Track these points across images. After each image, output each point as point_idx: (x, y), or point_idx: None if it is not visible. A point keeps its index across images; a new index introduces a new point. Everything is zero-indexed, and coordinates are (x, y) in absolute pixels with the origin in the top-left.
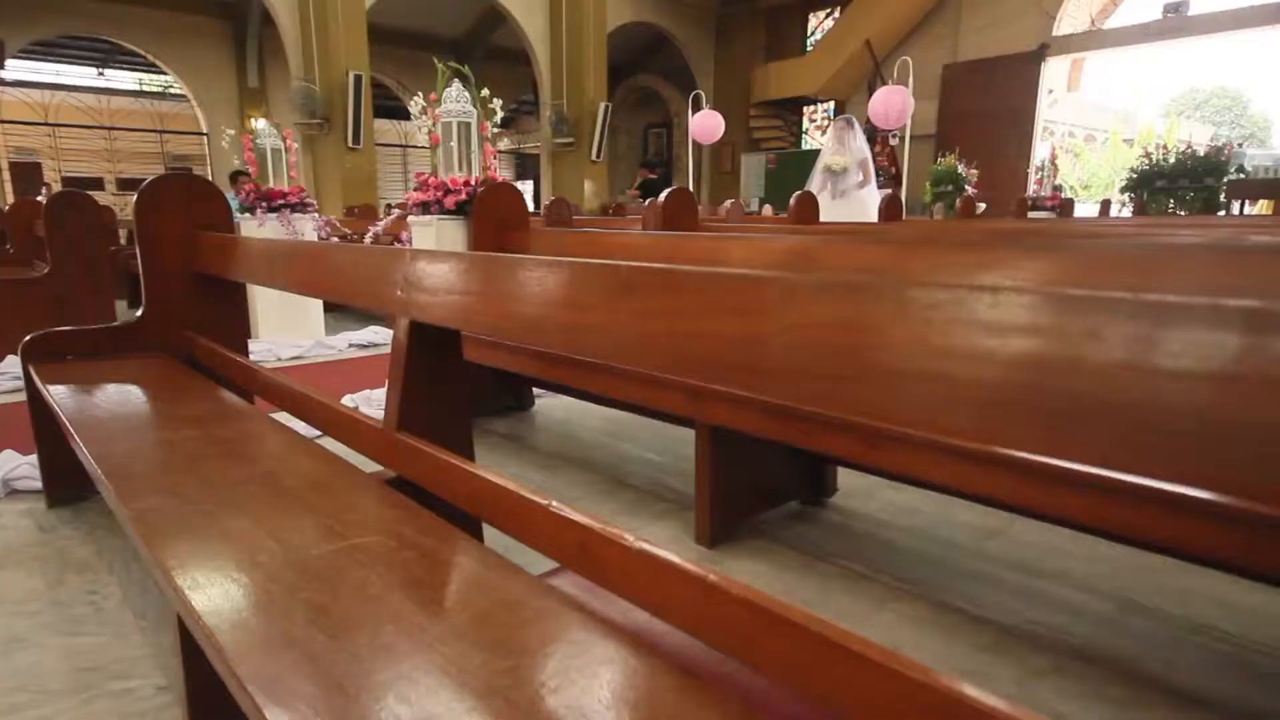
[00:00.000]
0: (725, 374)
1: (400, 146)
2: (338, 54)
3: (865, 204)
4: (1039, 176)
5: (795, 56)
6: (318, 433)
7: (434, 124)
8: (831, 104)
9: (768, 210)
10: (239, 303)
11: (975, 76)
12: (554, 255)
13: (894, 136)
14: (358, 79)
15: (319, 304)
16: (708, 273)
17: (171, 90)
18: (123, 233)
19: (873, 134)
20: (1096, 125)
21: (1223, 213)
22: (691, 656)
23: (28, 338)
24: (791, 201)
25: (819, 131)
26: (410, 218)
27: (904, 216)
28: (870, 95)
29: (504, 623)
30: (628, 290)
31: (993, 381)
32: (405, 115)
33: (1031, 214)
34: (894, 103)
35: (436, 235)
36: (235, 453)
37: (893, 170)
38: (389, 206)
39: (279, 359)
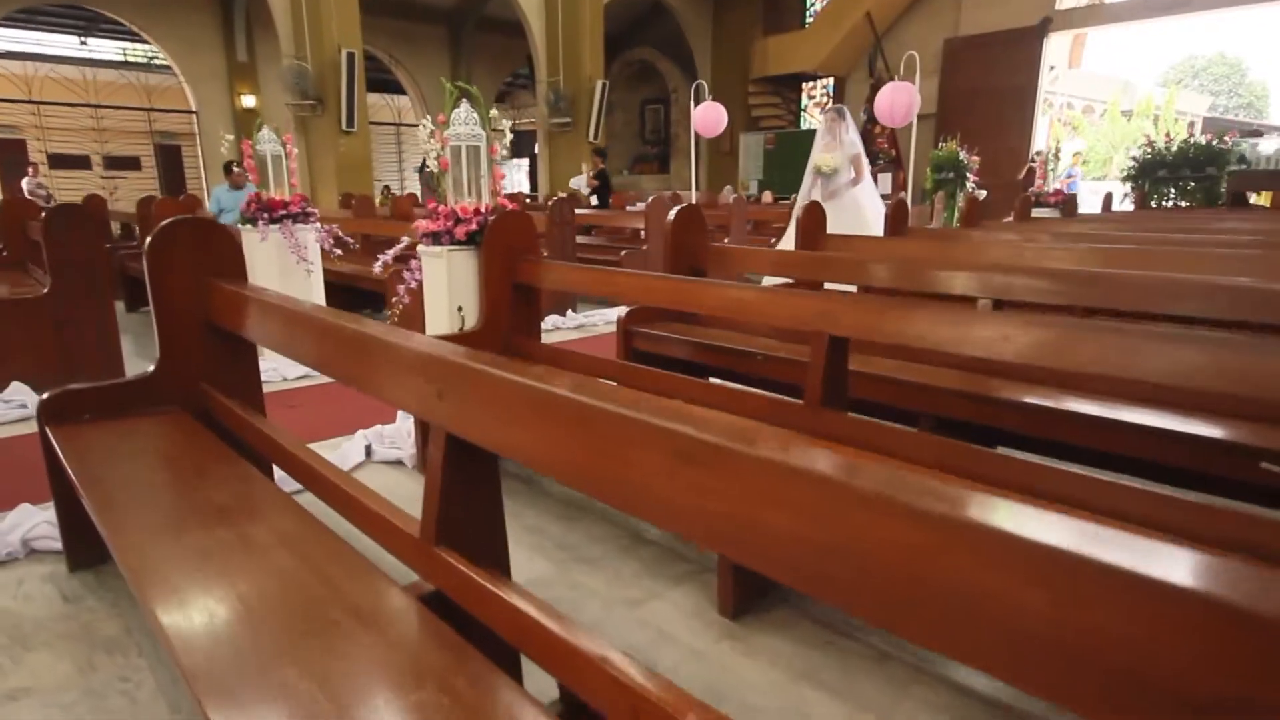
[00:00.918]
0: (784, 570)
1: (394, 125)
2: (330, 30)
3: (859, 204)
4: (1042, 170)
5: (794, 30)
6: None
7: (442, 148)
8: (831, 81)
9: (767, 197)
10: (253, 350)
11: (977, 52)
12: (564, 289)
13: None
14: (350, 57)
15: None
16: (775, 462)
17: (157, 61)
18: (115, 225)
19: (873, 114)
20: (1095, 96)
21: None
22: None
23: (44, 398)
24: (797, 212)
25: (818, 109)
26: (420, 248)
27: (908, 207)
28: (871, 71)
29: None
30: (686, 459)
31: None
32: (399, 89)
33: (1036, 211)
34: (900, 100)
35: (448, 267)
36: (254, 544)
37: (893, 153)
38: (386, 189)
39: (285, 379)
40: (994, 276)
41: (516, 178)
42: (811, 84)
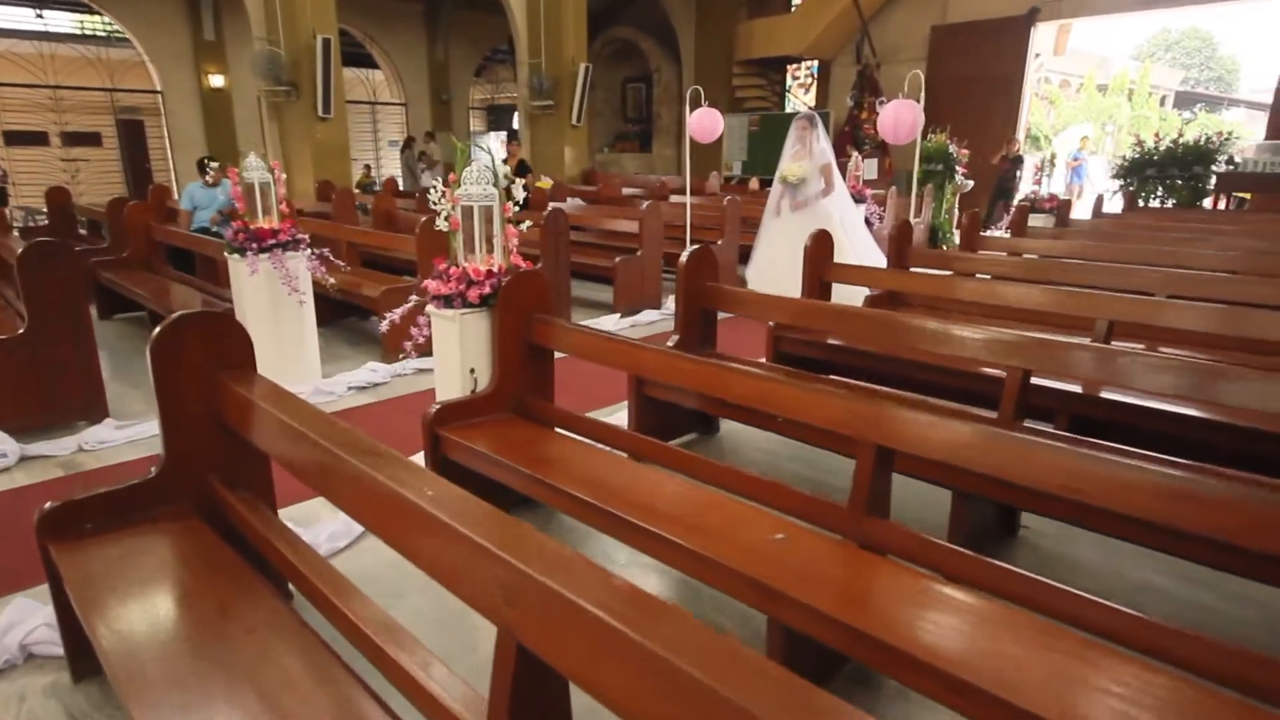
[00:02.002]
0: None
1: (369, 104)
2: (303, 13)
3: (830, 216)
4: (1037, 176)
5: (779, 14)
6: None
7: (453, 207)
8: (815, 63)
9: (753, 184)
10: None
11: (964, 39)
12: (580, 355)
13: (881, 103)
14: (326, 43)
15: (314, 340)
16: None
17: (118, 34)
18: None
19: (860, 99)
20: (1071, 70)
21: (1208, 201)
22: None
23: (43, 510)
24: (807, 244)
25: (802, 90)
26: (430, 309)
27: (911, 228)
28: (858, 57)
29: None
30: None
31: None
32: (372, 64)
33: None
34: (905, 118)
35: (460, 331)
36: (265, 686)
37: (880, 140)
38: (366, 169)
39: None
40: (1025, 348)
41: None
42: (795, 65)
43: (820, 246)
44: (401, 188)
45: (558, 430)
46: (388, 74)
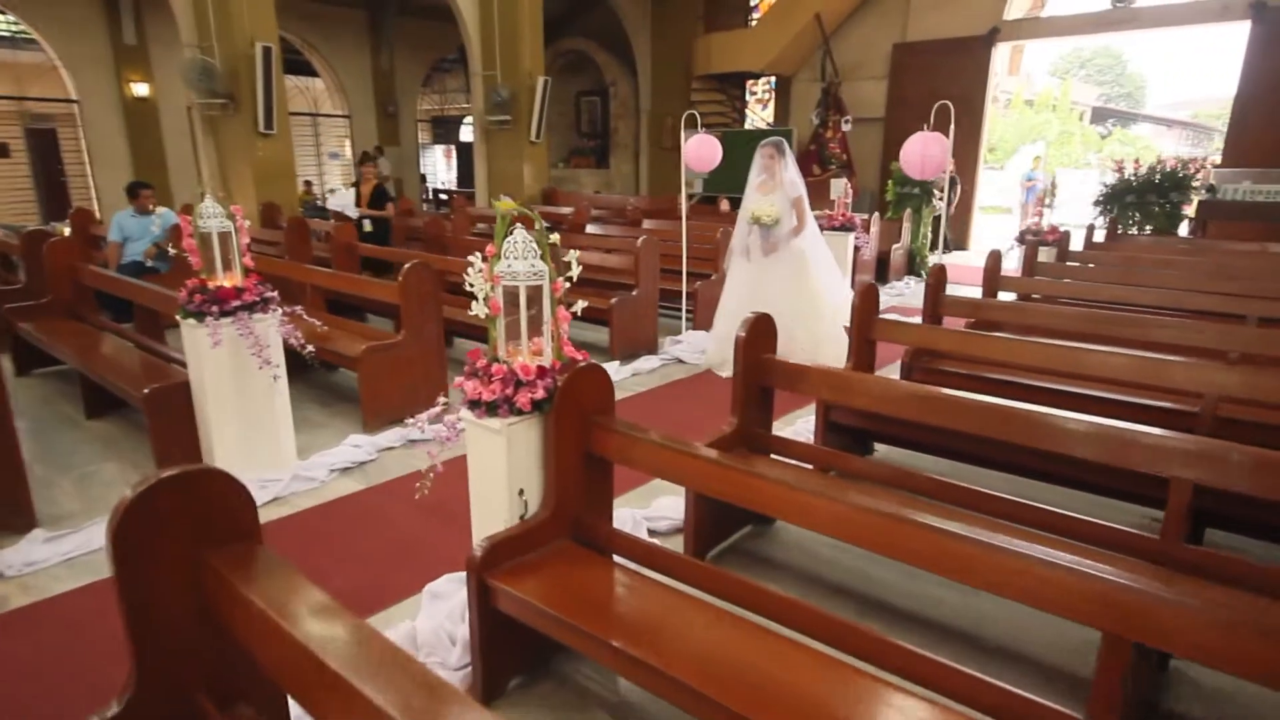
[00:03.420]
0: None
1: (310, 115)
2: (240, 19)
3: (804, 259)
4: (1039, 208)
5: (737, 29)
6: None
7: (493, 288)
8: (774, 78)
9: (723, 205)
10: None
11: (925, 58)
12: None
13: (846, 122)
14: (267, 51)
15: (288, 418)
16: None
17: (24, 34)
18: None
19: (825, 117)
20: (998, 87)
21: (1185, 228)
22: None
23: None
24: (854, 300)
25: (760, 105)
26: (466, 415)
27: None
28: (823, 74)
29: None
30: None
31: None
32: (310, 71)
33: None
34: (933, 153)
35: (508, 445)
36: None
37: (844, 158)
38: (308, 186)
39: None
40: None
41: (440, 171)
42: (754, 81)
43: (867, 300)
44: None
45: (615, 559)
46: (329, 84)
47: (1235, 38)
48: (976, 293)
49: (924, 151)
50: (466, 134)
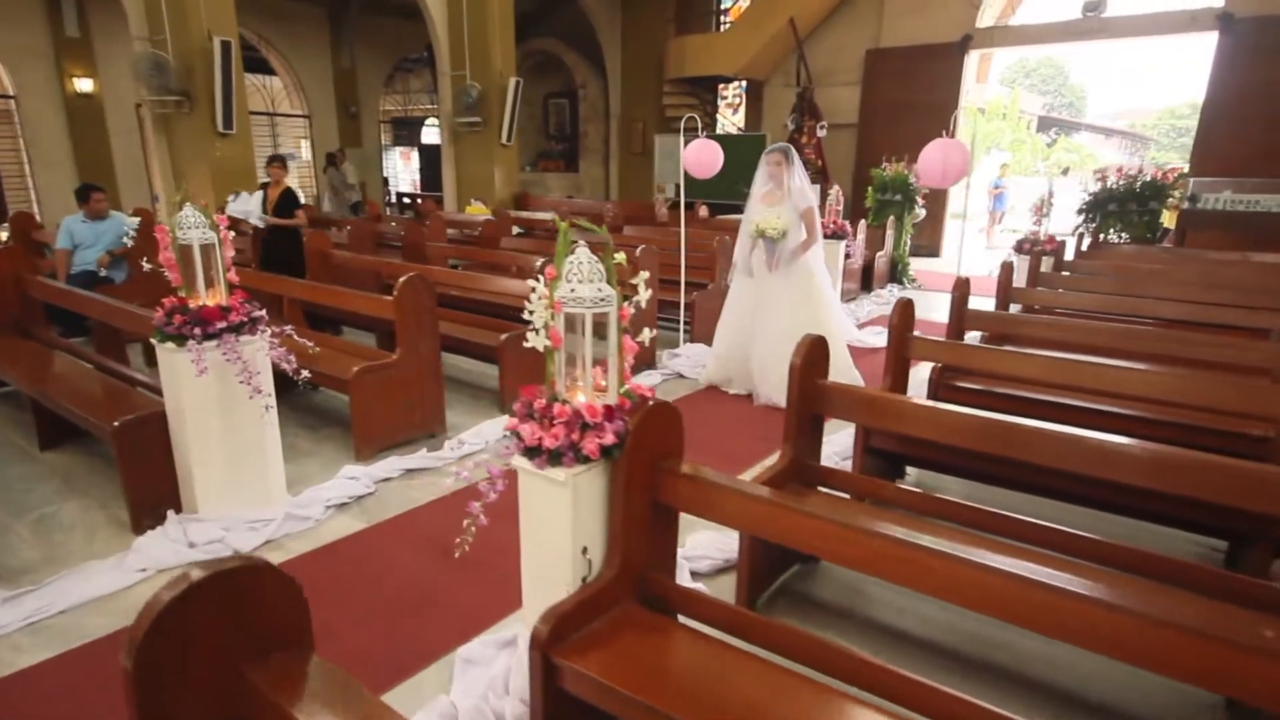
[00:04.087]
0: None
1: (267, 114)
2: (195, 12)
3: (811, 277)
4: (1036, 217)
5: (706, 32)
6: None
7: (554, 316)
8: (744, 83)
9: (703, 211)
10: None
11: (898, 64)
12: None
13: (822, 127)
14: (226, 46)
15: (278, 451)
16: None
17: None
18: None
19: (800, 122)
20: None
21: (1163, 238)
22: None
23: None
24: (893, 316)
25: (730, 110)
26: (521, 464)
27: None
28: (798, 79)
29: None
30: None
31: None
32: (267, 69)
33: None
34: (955, 160)
35: (574, 499)
36: None
37: (819, 164)
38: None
39: (235, 550)
40: None
41: (401, 172)
42: (725, 85)
43: (905, 316)
44: (327, 211)
45: (679, 618)
46: (287, 82)
47: (1174, 52)
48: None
49: (945, 159)
50: (429, 136)
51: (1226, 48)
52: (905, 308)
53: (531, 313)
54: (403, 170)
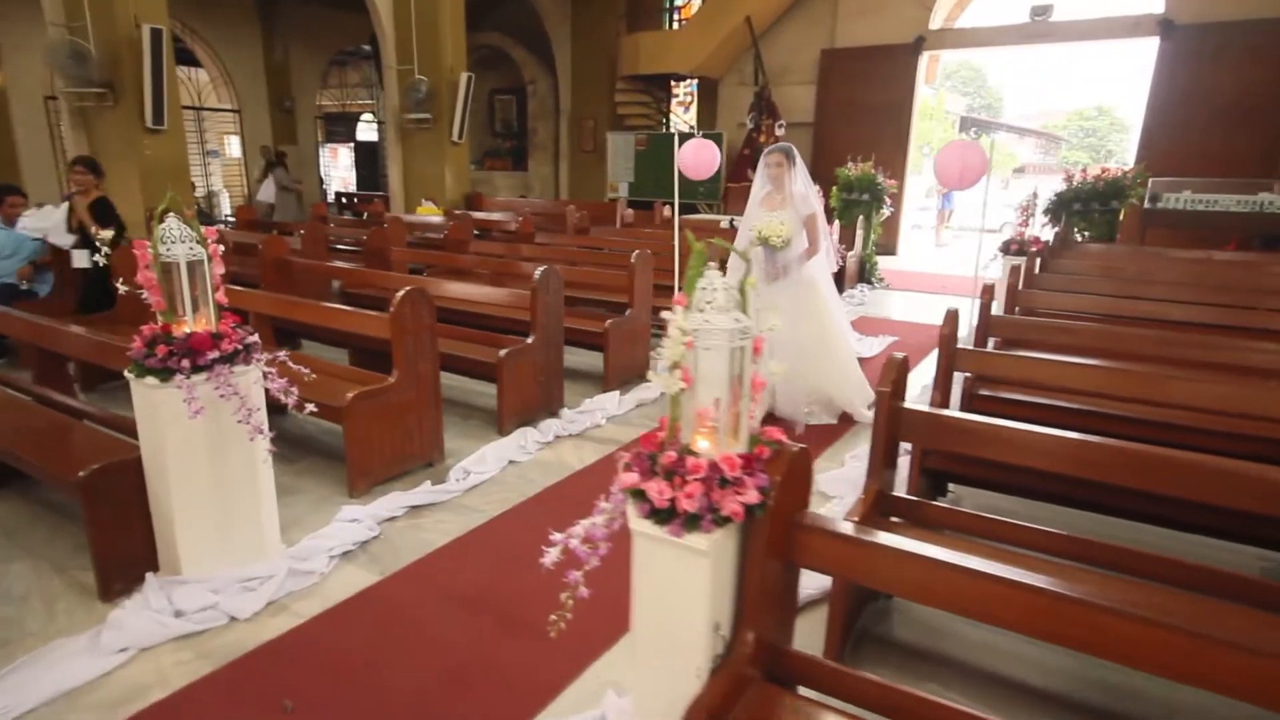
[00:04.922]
0: None
1: (193, 109)
2: None
3: (815, 286)
4: (1023, 217)
5: (657, 29)
6: None
7: (685, 353)
8: (696, 82)
9: (665, 212)
10: None
11: (853, 65)
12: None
13: (780, 126)
14: (156, 35)
15: (273, 497)
16: None
17: None
18: None
19: (759, 121)
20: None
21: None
22: None
23: None
24: (943, 328)
25: (681, 108)
26: (642, 528)
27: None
28: (756, 78)
29: None
30: None
31: None
32: (192, 60)
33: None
34: (974, 162)
35: (714, 568)
36: None
37: None
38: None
39: (231, 618)
40: None
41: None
42: (677, 83)
43: (951, 327)
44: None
45: (800, 691)
46: (214, 74)
47: (1082, 59)
48: (936, 298)
49: (964, 161)
50: (365, 132)
51: (1168, 53)
52: (953, 318)
53: (663, 356)
54: (333, 168)
